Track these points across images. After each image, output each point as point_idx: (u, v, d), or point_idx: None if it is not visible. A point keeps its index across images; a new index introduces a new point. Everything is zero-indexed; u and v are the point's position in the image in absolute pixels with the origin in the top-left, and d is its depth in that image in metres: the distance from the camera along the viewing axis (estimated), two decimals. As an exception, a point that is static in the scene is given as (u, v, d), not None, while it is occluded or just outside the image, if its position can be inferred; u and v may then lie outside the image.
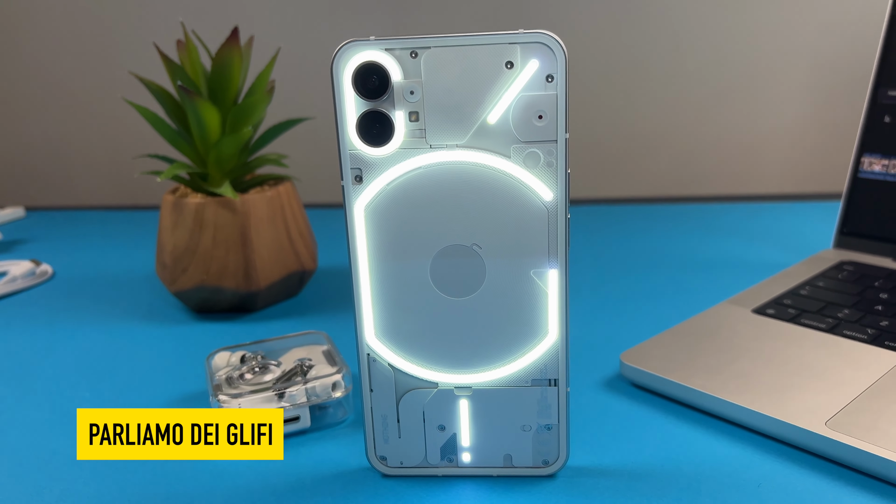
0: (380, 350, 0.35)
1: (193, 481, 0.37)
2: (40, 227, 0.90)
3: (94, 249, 0.80)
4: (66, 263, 0.74)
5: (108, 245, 0.81)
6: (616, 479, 0.36)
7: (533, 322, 0.34)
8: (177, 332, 0.56)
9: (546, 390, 0.35)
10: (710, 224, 0.78)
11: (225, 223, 0.56)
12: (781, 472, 0.36)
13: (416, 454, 0.37)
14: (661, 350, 0.46)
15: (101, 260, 0.75)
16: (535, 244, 0.33)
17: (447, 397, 0.36)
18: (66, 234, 0.87)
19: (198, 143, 0.56)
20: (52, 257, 0.76)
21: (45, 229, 0.89)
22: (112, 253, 0.78)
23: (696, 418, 0.41)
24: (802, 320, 0.48)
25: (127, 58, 0.95)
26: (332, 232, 0.76)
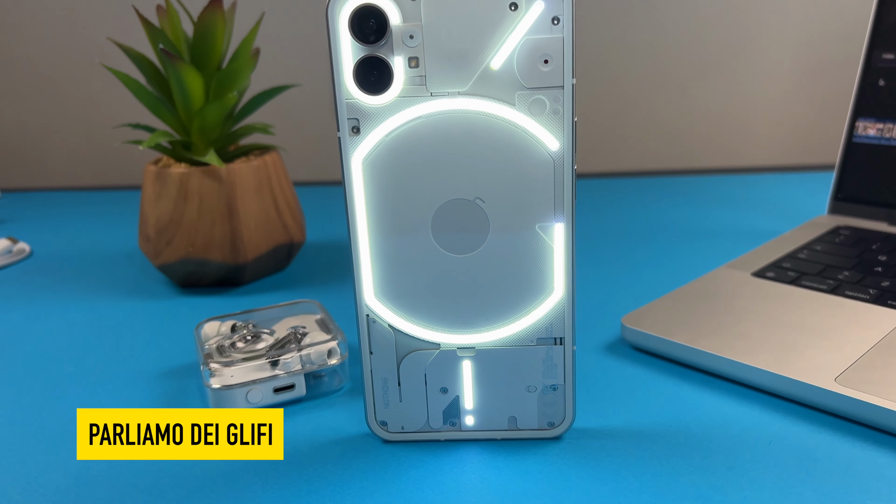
0: (379, 310, 0.34)
1: (186, 451, 0.36)
2: (15, 208, 0.87)
3: (72, 228, 0.77)
4: (44, 242, 0.72)
5: (87, 224, 0.79)
6: (623, 440, 0.35)
7: (538, 279, 0.33)
8: (162, 306, 0.55)
9: (552, 349, 0.34)
10: (701, 195, 0.78)
11: (210, 193, 0.54)
12: (792, 429, 0.35)
13: (418, 418, 0.36)
14: (662, 313, 0.45)
15: (80, 238, 0.73)
16: (540, 197, 0.32)
17: (449, 359, 0.35)
18: (43, 213, 0.84)
19: (181, 111, 0.54)
20: (30, 236, 0.73)
21: (20, 210, 0.86)
22: (92, 231, 0.76)
23: (701, 380, 0.40)
24: (803, 282, 0.48)
25: (103, 30, 0.92)
26: (319, 208, 0.74)
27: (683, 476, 0.32)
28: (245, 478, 0.34)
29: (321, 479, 0.33)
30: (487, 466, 0.34)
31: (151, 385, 0.43)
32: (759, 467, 0.33)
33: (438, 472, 0.34)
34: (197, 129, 0.55)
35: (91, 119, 0.99)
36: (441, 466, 0.34)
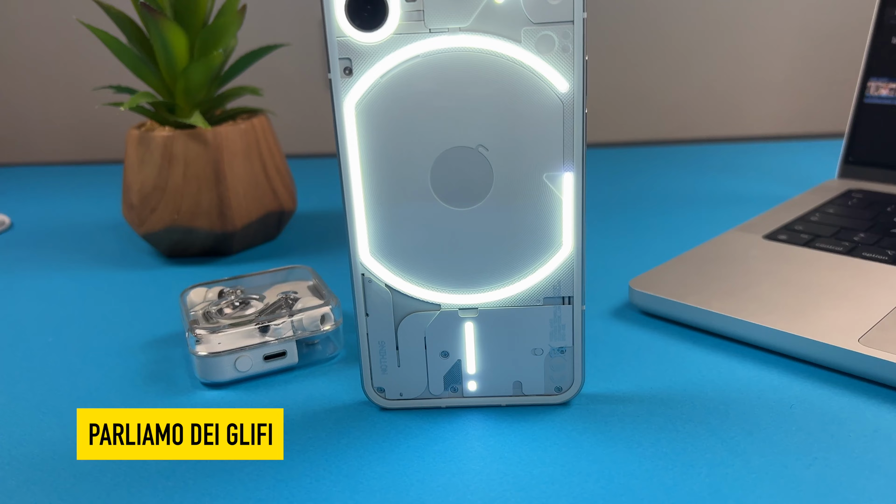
0: (375, 269, 0.32)
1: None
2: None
3: (56, 201, 0.74)
4: (26, 215, 0.69)
5: (71, 197, 0.76)
6: (636, 405, 0.33)
7: (545, 233, 0.31)
8: (147, 276, 0.52)
9: (560, 309, 0.32)
10: (705, 164, 0.75)
11: (196, 157, 0.51)
12: (813, 392, 0.33)
13: (418, 384, 0.33)
14: (671, 276, 0.43)
15: (64, 211, 0.70)
16: (548, 143, 0.30)
17: (451, 320, 0.32)
18: (23, 186, 0.81)
19: (164, 71, 0.52)
20: (10, 209, 0.71)
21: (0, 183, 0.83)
22: (76, 204, 0.73)
23: (715, 343, 0.38)
24: (817, 244, 0.45)
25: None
26: (311, 180, 0.72)
27: (700, 441, 0.30)
28: (233, 448, 0.32)
29: (314, 449, 0.31)
30: (491, 434, 0.32)
31: (135, 355, 0.41)
32: (781, 432, 0.31)
33: (439, 440, 0.31)
34: (181, 91, 0.52)
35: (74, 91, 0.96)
36: (442, 434, 0.32)
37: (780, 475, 0.28)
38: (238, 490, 0.29)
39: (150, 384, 0.37)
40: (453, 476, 0.29)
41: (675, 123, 0.93)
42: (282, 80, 0.86)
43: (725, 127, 0.93)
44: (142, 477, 0.30)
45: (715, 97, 0.92)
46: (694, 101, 0.92)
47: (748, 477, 0.28)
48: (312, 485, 0.29)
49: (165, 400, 0.36)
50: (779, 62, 0.90)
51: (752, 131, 0.93)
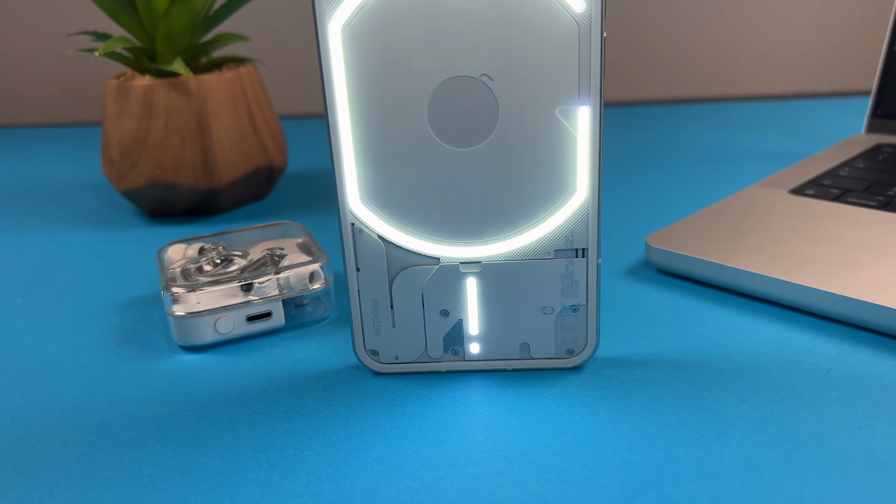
0: (367, 218, 0.28)
1: (150, 389, 0.31)
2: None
3: (34, 163, 0.71)
4: (1, 176, 0.66)
5: (50, 159, 0.72)
6: (656, 369, 0.30)
7: (557, 176, 0.28)
8: (127, 236, 0.49)
9: (572, 263, 0.29)
10: (723, 121, 0.71)
11: (178, 108, 0.48)
12: (853, 355, 0.30)
13: (415, 346, 0.30)
14: (691, 232, 0.39)
15: (41, 172, 0.67)
16: (561, 72, 0.26)
17: (451, 275, 0.29)
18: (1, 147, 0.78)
19: (143, 15, 0.48)
20: (-11, 170, 0.67)
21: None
22: (56, 165, 0.69)
23: (741, 304, 0.35)
24: (849, 199, 0.42)
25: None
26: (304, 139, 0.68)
27: (730, 408, 0.27)
28: (209, 416, 0.29)
29: (299, 417, 0.28)
30: (496, 401, 0.29)
31: (110, 316, 0.37)
32: (820, 397, 0.28)
33: (439, 407, 0.28)
34: (162, 36, 0.48)
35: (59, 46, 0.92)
36: (441, 401, 0.29)
37: (821, 445, 0.25)
38: (214, 461, 0.26)
39: (123, 347, 0.34)
40: (454, 447, 0.26)
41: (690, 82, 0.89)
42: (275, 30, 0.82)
43: (743, 85, 0.89)
44: (107, 447, 0.27)
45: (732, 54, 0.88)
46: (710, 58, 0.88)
47: (785, 447, 0.25)
48: (296, 457, 0.26)
49: (138, 365, 0.33)
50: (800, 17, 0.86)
51: (771, 90, 0.88)
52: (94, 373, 0.32)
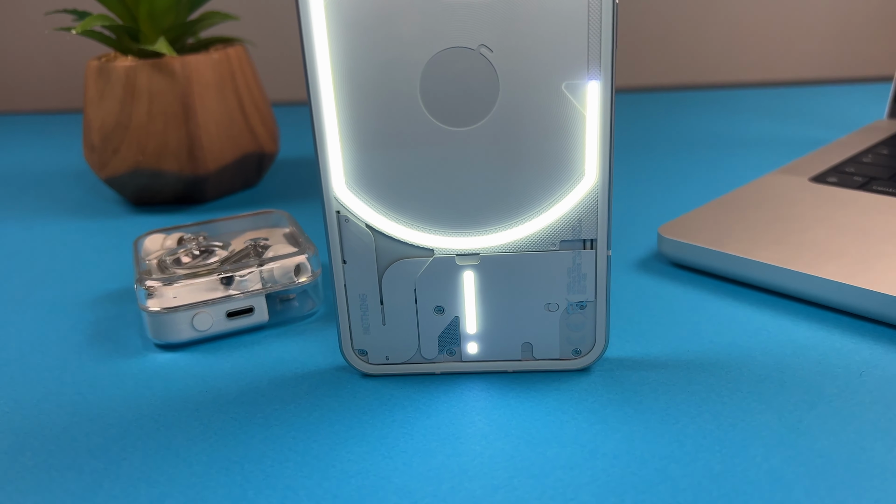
0: (354, 205, 0.26)
1: (120, 391, 0.28)
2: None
3: (15, 150, 0.68)
4: (-14, 163, 0.63)
5: (33, 146, 0.69)
6: (670, 371, 0.27)
7: (564, 159, 0.25)
8: (109, 225, 0.46)
9: (580, 255, 0.26)
10: (738, 107, 0.68)
11: (162, 91, 0.45)
12: (887, 356, 0.28)
13: (407, 346, 0.28)
14: (707, 222, 0.37)
15: (23, 159, 0.64)
16: (568, 43, 0.24)
17: (446, 269, 0.26)
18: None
19: (124, -7, 0.45)
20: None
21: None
22: (37, 153, 0.66)
23: (761, 299, 0.32)
24: (875, 187, 0.39)
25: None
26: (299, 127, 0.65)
27: (754, 416, 0.25)
28: (181, 422, 0.26)
29: (279, 423, 0.26)
30: (495, 407, 0.26)
31: (84, 311, 0.35)
32: (852, 404, 0.25)
33: (432, 413, 0.26)
34: (145, 14, 0.46)
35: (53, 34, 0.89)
36: (436, 406, 0.26)
37: (857, 458, 0.23)
38: (183, 474, 0.23)
39: (94, 345, 0.32)
40: (447, 459, 0.24)
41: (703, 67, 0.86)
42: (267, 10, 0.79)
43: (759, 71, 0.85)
44: (67, 456, 0.25)
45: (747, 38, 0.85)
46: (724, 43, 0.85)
47: (816, 461, 0.23)
48: (273, 469, 0.23)
49: (108, 365, 0.30)
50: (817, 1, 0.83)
51: (788, 75, 0.85)
52: (60, 373, 0.30)
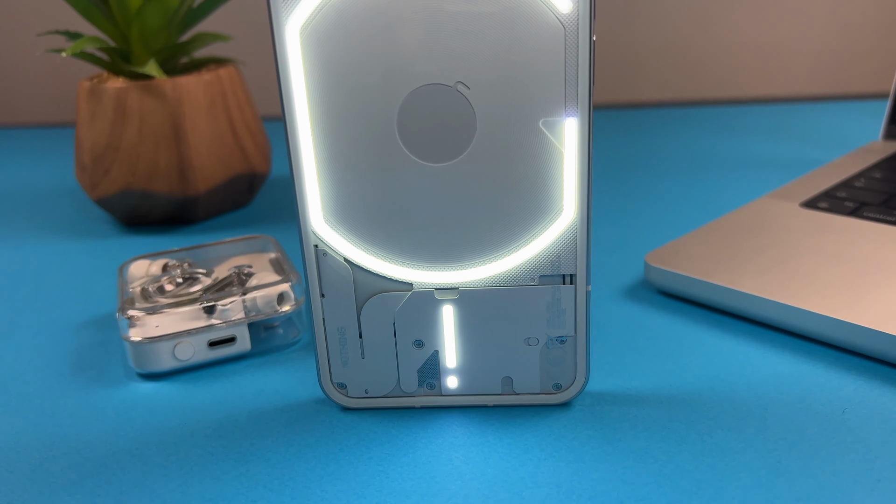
0: (331, 239, 0.26)
1: (99, 423, 0.28)
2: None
3: (7, 166, 0.68)
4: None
5: (26, 161, 0.69)
6: (652, 407, 0.27)
7: (542, 195, 0.25)
8: (98, 246, 0.46)
9: (559, 290, 0.26)
10: (732, 126, 0.68)
11: (152, 112, 0.45)
12: (871, 394, 0.27)
13: (386, 380, 0.27)
14: (695, 249, 0.36)
15: (15, 175, 0.64)
16: (545, 80, 0.23)
17: (425, 303, 0.26)
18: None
19: (117, 14, 0.45)
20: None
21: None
22: (31, 169, 0.66)
23: (748, 330, 0.32)
24: (865, 213, 0.39)
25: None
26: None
27: (733, 456, 0.24)
28: (158, 457, 0.26)
29: (256, 459, 0.25)
30: (475, 443, 0.26)
31: (68, 337, 0.35)
32: (833, 444, 0.25)
33: (410, 449, 0.26)
34: (136, 36, 0.46)
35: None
36: (414, 442, 0.26)
37: (836, 502, 0.22)
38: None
39: (76, 373, 0.32)
40: (423, 499, 0.23)
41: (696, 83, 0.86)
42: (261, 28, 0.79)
43: (753, 87, 0.85)
44: (41, 493, 0.24)
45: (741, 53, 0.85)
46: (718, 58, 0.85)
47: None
48: (247, 508, 0.23)
49: (89, 394, 0.30)
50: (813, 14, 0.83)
51: (782, 91, 0.85)
52: (40, 402, 0.30)
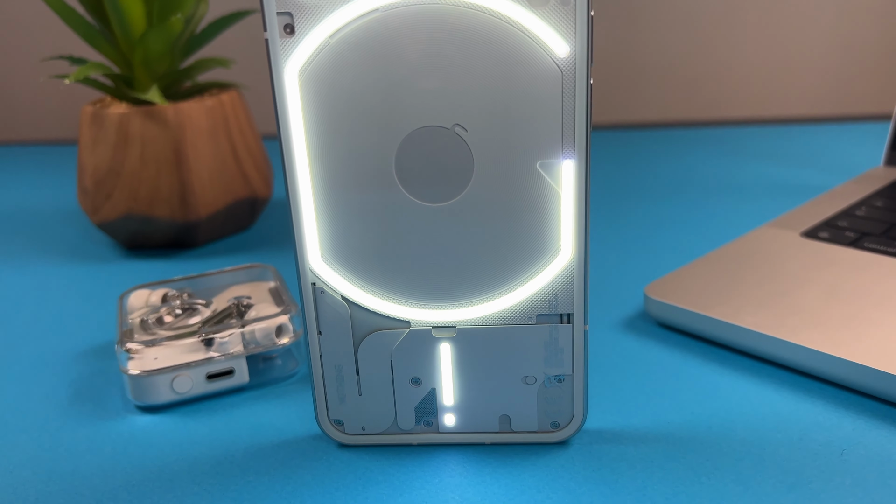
0: (329, 278, 0.26)
1: (97, 457, 0.28)
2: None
3: (12, 184, 0.68)
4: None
5: (30, 179, 0.69)
6: (650, 446, 0.27)
7: (539, 235, 0.25)
8: (100, 271, 0.46)
9: (557, 329, 0.26)
10: (734, 148, 0.68)
11: (154, 137, 0.45)
12: (872, 434, 0.27)
13: (383, 417, 0.27)
14: (694, 281, 0.36)
15: (19, 195, 0.64)
16: (543, 123, 0.24)
17: (423, 341, 0.26)
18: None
19: (120, 40, 0.46)
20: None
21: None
22: (34, 188, 0.67)
23: (747, 365, 0.32)
24: (865, 244, 0.39)
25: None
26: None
27: (731, 499, 0.24)
28: (154, 494, 0.26)
29: (252, 497, 0.25)
30: (471, 482, 0.26)
31: (67, 366, 0.35)
32: (831, 487, 0.25)
33: (406, 488, 0.26)
34: (139, 63, 0.46)
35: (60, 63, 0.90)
36: (410, 481, 0.26)
37: (834, 550, 0.22)
38: (150, 554, 0.23)
39: (74, 405, 0.32)
40: (418, 542, 0.23)
41: (698, 103, 0.86)
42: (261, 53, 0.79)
43: (755, 107, 0.86)
44: None
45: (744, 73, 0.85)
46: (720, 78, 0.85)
47: (792, 551, 0.22)
48: (242, 549, 0.23)
49: (87, 427, 0.30)
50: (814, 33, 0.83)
51: (784, 112, 0.85)
52: (38, 436, 0.30)
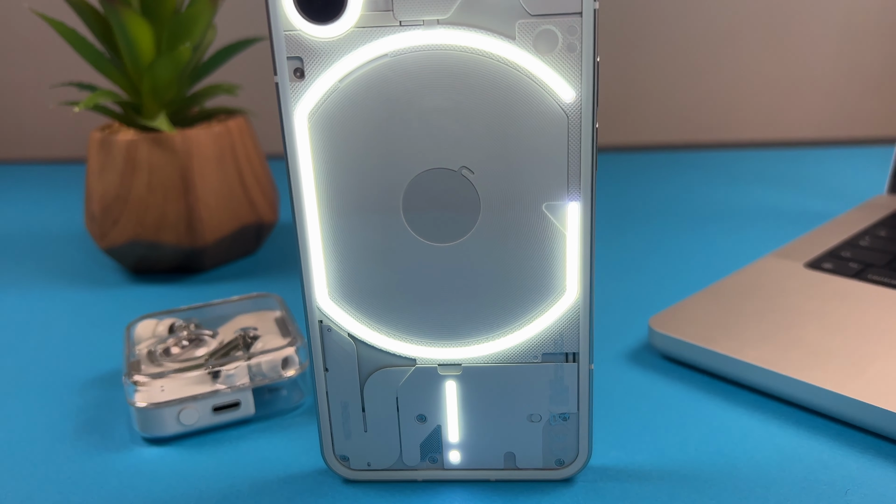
0: (336, 316, 0.26)
1: (104, 490, 0.28)
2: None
3: (23, 205, 0.69)
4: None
5: (34, 200, 0.70)
6: (654, 483, 0.27)
7: (545, 276, 0.25)
8: (107, 296, 0.47)
9: (562, 368, 0.26)
10: (739, 172, 0.68)
11: (161, 164, 0.46)
12: (875, 473, 0.27)
13: (389, 453, 0.28)
14: (699, 313, 0.37)
15: (30, 216, 0.65)
16: (548, 165, 0.24)
17: (428, 378, 0.27)
18: None
19: (129, 68, 0.46)
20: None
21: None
22: (45, 209, 0.67)
23: (751, 401, 0.32)
24: (869, 276, 0.39)
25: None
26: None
27: (735, 540, 0.24)
28: (160, 531, 0.26)
29: (257, 536, 0.26)
30: (476, 518, 0.26)
31: (74, 396, 0.35)
32: (836, 529, 0.25)
33: (412, 526, 0.26)
34: (148, 90, 0.46)
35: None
36: (416, 518, 0.26)
37: None
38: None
39: (82, 436, 0.32)
40: (423, 582, 0.23)
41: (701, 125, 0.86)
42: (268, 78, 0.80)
43: (758, 130, 0.86)
44: None
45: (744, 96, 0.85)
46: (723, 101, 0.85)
47: None
48: (247, 589, 0.23)
49: (94, 459, 0.30)
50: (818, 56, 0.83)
51: (788, 135, 0.85)
52: (45, 468, 0.30)
